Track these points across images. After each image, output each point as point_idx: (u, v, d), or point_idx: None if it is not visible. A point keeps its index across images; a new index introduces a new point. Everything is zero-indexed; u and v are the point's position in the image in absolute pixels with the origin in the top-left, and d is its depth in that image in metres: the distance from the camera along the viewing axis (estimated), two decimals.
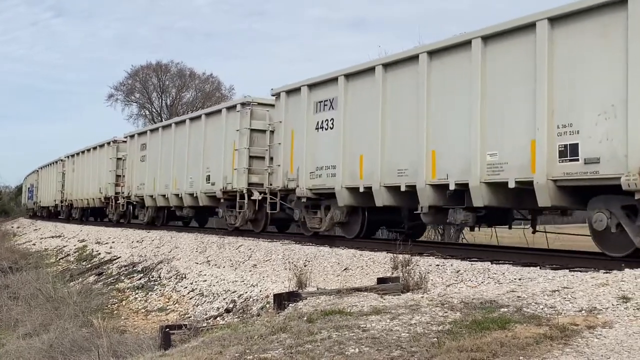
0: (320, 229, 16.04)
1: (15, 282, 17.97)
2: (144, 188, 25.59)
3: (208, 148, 20.95)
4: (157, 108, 61.46)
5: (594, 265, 9.74)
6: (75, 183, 36.74)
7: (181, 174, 22.57)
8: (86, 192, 34.30)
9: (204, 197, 21.02)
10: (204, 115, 21.68)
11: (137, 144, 27.09)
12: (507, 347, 5.21)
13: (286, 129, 16.83)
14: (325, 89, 15.52)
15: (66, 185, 39.03)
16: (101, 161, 32.01)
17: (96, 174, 32.54)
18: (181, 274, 15.50)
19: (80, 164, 36.25)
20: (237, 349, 5.95)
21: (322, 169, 15.42)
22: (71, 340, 10.96)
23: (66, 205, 38.79)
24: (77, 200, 36.15)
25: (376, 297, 7.86)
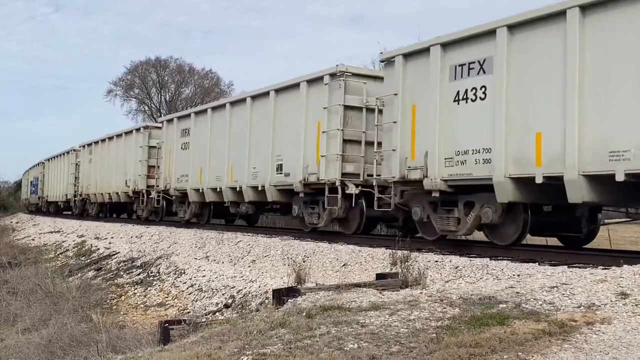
0: (458, 233, 12.27)
1: (14, 277, 17.99)
2: (188, 180, 21.85)
3: (280, 131, 17.12)
4: (156, 104, 61.43)
5: (592, 262, 9.75)
6: (93, 175, 32.75)
7: (240, 163, 18.68)
8: (107, 185, 30.37)
9: (274, 190, 17.19)
10: (273, 91, 17.47)
11: (176, 129, 23.22)
12: (506, 343, 5.22)
13: (404, 104, 13.07)
14: (469, 48, 11.81)
15: (81, 178, 35.07)
16: (128, 150, 28.07)
17: (121, 164, 28.66)
18: (180, 269, 15.51)
19: (99, 154, 32.17)
20: (236, 344, 5.96)
21: (467, 154, 11.69)
22: (70, 335, 10.97)
23: (80, 200, 35.19)
24: (96, 194, 32.11)
25: (375, 293, 7.87)
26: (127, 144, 28.34)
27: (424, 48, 12.72)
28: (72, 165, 36.55)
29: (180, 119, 23.31)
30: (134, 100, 62.45)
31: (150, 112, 60.48)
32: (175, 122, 23.40)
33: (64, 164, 38.94)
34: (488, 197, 11.43)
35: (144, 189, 26.10)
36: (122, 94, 62.00)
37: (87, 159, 34.04)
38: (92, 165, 33.13)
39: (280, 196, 17.27)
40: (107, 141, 31.07)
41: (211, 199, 20.42)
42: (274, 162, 17.17)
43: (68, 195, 37.30)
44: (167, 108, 58.25)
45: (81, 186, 34.89)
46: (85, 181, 34.05)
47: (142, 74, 61.25)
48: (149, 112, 60.97)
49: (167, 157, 23.72)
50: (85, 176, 34.26)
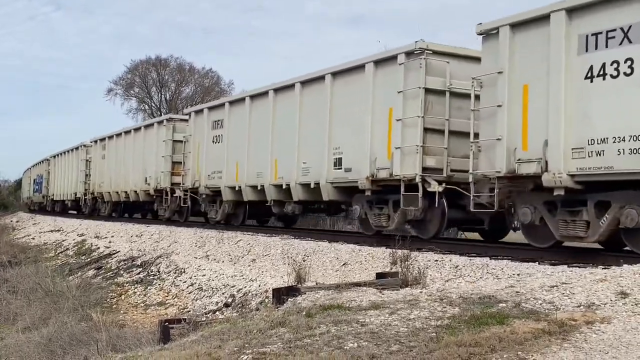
0: (587, 239, 10.21)
1: (14, 276, 17.99)
2: (221, 177, 19.52)
3: (337, 120, 15.01)
4: (156, 103, 61.38)
5: (592, 261, 9.74)
6: (107, 172, 30.40)
7: (287, 158, 16.49)
8: (123, 183, 28.12)
9: (330, 188, 15.06)
10: (330, 75, 15.28)
11: (206, 121, 20.77)
12: (506, 342, 5.22)
13: (512, 84, 10.97)
14: (607, 13, 9.69)
15: (92, 175, 32.88)
16: (149, 145, 25.59)
17: (139, 160, 26.37)
18: (180, 268, 15.51)
19: (114, 150, 29.77)
20: (236, 343, 5.96)
21: (605, 142, 9.61)
22: (70, 334, 10.98)
23: (91, 198, 33.15)
24: (110, 193, 29.88)
25: (375, 292, 7.87)
26: (148, 138, 25.83)
27: (541, 15, 10.53)
28: (82, 162, 34.52)
29: (212, 109, 20.73)
30: (134, 99, 62.44)
31: (150, 112, 60.46)
32: (206, 113, 20.79)
33: (73, 160, 36.94)
34: (632, 196, 9.57)
35: (167, 187, 23.66)
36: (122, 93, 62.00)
37: (99, 154, 31.73)
38: (105, 162, 30.86)
39: (338, 195, 15.22)
40: (124, 135, 28.52)
41: (251, 197, 18.11)
42: (331, 155, 15.11)
43: (77, 193, 35.30)
44: (167, 107, 58.24)
45: (93, 184, 32.78)
46: (98, 179, 31.91)
47: (143, 73, 61.21)
48: (149, 111, 60.95)
49: (195, 152, 21.20)
50: (97, 173, 32.06)
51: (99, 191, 31.58)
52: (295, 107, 16.40)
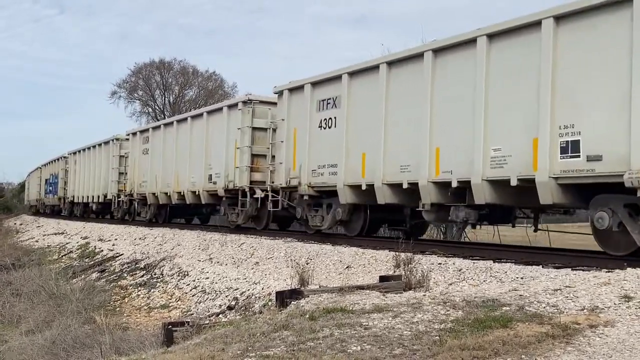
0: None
1: (18, 279, 18.02)
2: (336, 173, 14.95)
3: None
4: (159, 105, 61.52)
5: (596, 264, 9.73)
6: (151, 169, 25.31)
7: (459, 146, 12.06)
8: (175, 181, 22.99)
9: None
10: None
11: (309, 100, 16.00)
12: (509, 346, 5.22)
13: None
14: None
15: (130, 173, 27.78)
16: (215, 134, 20.53)
17: (201, 154, 21.22)
18: (183, 271, 15.53)
19: (160, 142, 24.67)
20: (240, 346, 5.96)
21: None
22: (74, 337, 11.00)
23: (127, 200, 28.11)
24: (155, 193, 24.69)
25: (378, 295, 7.87)
26: (214, 127, 20.81)
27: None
28: (115, 159, 30.04)
29: (318, 84, 15.93)
30: (138, 102, 62.61)
31: (154, 114, 60.58)
32: (308, 90, 16.03)
33: (101, 156, 32.21)
34: None
35: (245, 187, 18.85)
36: (126, 95, 62.17)
37: (139, 149, 26.91)
38: (148, 157, 25.71)
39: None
40: (176, 125, 23.67)
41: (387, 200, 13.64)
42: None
43: (108, 194, 30.62)
44: (171, 110, 58.35)
45: (130, 183, 27.65)
46: (137, 177, 26.76)
47: (146, 75, 61.38)
48: (152, 114, 61.08)
49: (290, 142, 16.81)
50: (136, 171, 26.89)
51: (140, 192, 26.47)
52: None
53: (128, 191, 27.90)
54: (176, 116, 25.59)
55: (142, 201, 26.57)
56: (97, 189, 32.77)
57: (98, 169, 32.82)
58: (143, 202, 26.61)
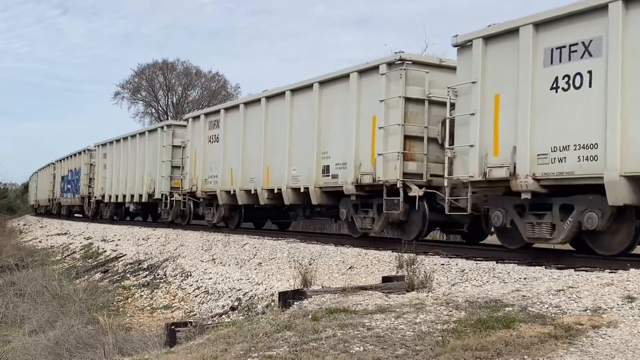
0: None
1: (21, 280, 18.05)
2: None
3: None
4: (163, 106, 61.57)
5: (599, 265, 9.72)
6: (224, 162, 20.01)
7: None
8: (269, 176, 17.72)
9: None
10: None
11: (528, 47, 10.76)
12: (512, 346, 5.21)
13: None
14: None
15: (191, 166, 22.11)
16: (353, 105, 14.60)
17: (311, 140, 15.95)
18: (187, 271, 15.54)
19: (239, 127, 19.27)
20: (242, 346, 5.97)
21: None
22: (77, 337, 11.01)
23: (184, 201, 22.89)
24: (232, 192, 19.32)
25: (381, 296, 7.87)
26: (336, 101, 15.29)
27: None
28: (166, 149, 24.69)
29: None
30: (141, 103, 62.67)
31: (157, 115, 60.65)
32: None
33: (144, 147, 26.79)
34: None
35: (394, 181, 13.38)
36: (129, 96, 62.24)
37: (203, 136, 21.40)
38: (219, 146, 20.37)
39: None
40: (265, 103, 17.95)
41: None
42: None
43: (156, 193, 25.23)
44: (174, 111, 58.41)
45: (191, 179, 22.02)
46: (202, 171, 21.24)
47: (149, 76, 61.43)
48: (155, 114, 61.15)
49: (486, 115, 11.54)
50: (201, 164, 21.39)
51: (207, 189, 20.96)
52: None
53: (187, 188, 22.24)
54: (263, 92, 18.36)
55: (208, 201, 21.41)
56: (137, 187, 27.18)
57: (139, 163, 27.18)
58: (209, 202, 21.44)
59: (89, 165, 35.25)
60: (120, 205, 30.82)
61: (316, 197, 15.60)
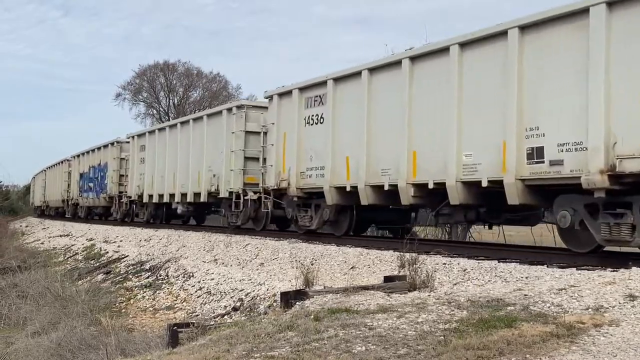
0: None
1: (23, 281, 18.05)
2: None
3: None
4: (164, 107, 61.64)
5: (601, 264, 9.72)
6: (338, 148, 15.42)
7: None
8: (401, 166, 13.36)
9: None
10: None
11: None
12: (514, 345, 5.22)
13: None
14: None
15: (279, 158, 17.47)
16: None
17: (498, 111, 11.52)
18: (189, 272, 15.54)
19: (354, 103, 14.90)
20: (244, 347, 5.98)
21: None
22: (79, 339, 11.02)
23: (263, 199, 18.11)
24: (348, 189, 14.91)
25: (383, 296, 7.87)
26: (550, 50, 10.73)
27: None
28: (237, 136, 19.74)
29: None
30: (142, 104, 62.74)
31: (158, 116, 60.70)
32: None
33: (202, 135, 22.01)
34: None
35: None
36: (130, 97, 62.30)
37: (298, 117, 16.81)
38: (328, 128, 15.72)
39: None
40: (409, 65, 13.35)
41: None
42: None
43: (221, 191, 20.33)
44: (176, 112, 58.44)
45: (279, 172, 17.43)
46: (298, 163, 16.76)
47: (150, 77, 61.50)
48: (157, 116, 61.20)
49: None
50: (298, 153, 16.75)
51: (307, 186, 16.52)
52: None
53: (272, 184, 17.67)
54: (405, 52, 13.56)
55: (304, 200, 17.07)
56: (191, 184, 22.48)
57: (195, 155, 22.48)
58: (305, 202, 17.11)
59: (118, 160, 30.78)
60: (160, 207, 26.34)
61: (516, 193, 10.94)
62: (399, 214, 16.47)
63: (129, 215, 30.12)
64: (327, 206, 15.81)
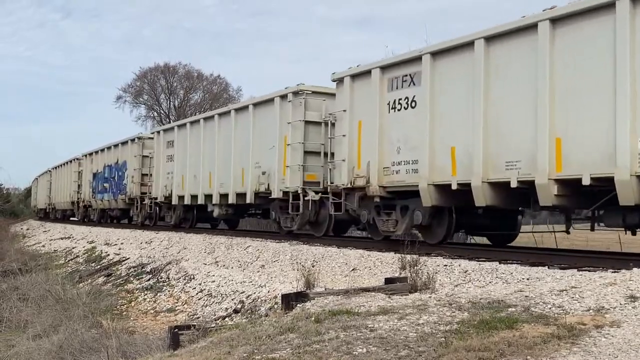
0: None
1: (24, 284, 18.06)
2: None
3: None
4: (165, 110, 61.69)
5: (602, 265, 9.71)
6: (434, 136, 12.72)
7: None
8: None
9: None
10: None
11: None
12: (515, 347, 5.21)
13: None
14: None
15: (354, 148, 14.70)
16: None
17: None
18: (190, 274, 15.54)
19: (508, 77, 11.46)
20: (245, 349, 5.97)
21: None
22: (80, 341, 11.03)
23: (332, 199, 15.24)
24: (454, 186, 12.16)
25: (384, 297, 7.87)
26: None
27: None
28: (295, 128, 16.76)
29: None
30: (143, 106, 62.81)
31: (159, 118, 60.74)
32: None
33: (249, 128, 18.85)
34: None
35: None
36: (131, 100, 62.36)
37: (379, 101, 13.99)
38: (424, 113, 12.91)
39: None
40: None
41: None
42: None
43: (275, 190, 17.26)
44: (176, 114, 58.48)
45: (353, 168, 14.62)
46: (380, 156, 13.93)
47: (151, 80, 61.58)
48: (158, 118, 61.24)
49: None
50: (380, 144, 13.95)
51: (393, 183, 13.69)
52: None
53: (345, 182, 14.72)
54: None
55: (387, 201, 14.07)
56: (234, 183, 19.56)
57: (238, 150, 19.46)
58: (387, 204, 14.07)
59: (140, 158, 27.60)
60: (190, 209, 23.65)
61: None
62: (501, 217, 13.71)
63: (151, 218, 27.18)
64: (421, 208, 12.97)
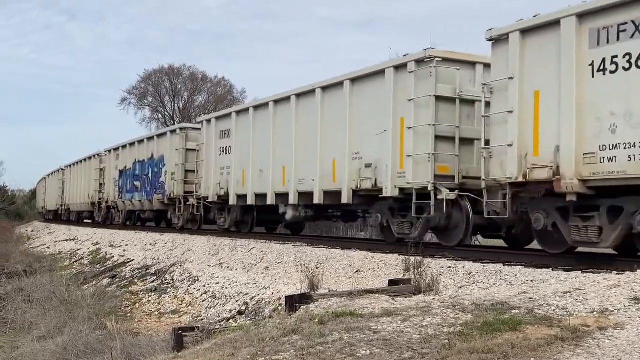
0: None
1: (29, 286, 18.12)
2: None
3: None
4: (169, 112, 61.73)
5: (606, 267, 9.69)
6: None
7: None
8: None
9: None
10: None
11: None
12: (518, 349, 5.21)
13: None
14: None
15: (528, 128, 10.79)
16: None
17: None
18: (194, 276, 15.56)
19: None
20: (249, 350, 5.98)
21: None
22: (85, 343, 11.06)
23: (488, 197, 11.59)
24: None
25: (388, 299, 7.87)
26: None
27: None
28: (416, 107, 13.07)
29: None
30: (147, 108, 62.86)
31: (164, 120, 60.80)
32: None
33: (345, 109, 15.11)
34: None
35: None
36: (135, 102, 62.42)
37: (568, 63, 10.10)
38: None
39: None
40: None
41: None
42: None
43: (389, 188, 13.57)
44: (181, 116, 58.54)
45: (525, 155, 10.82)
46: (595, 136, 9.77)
47: (156, 82, 61.61)
48: (162, 120, 61.30)
49: None
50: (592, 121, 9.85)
51: (604, 176, 9.70)
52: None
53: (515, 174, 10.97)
54: None
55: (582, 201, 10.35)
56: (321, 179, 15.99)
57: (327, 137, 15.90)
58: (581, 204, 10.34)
59: (183, 152, 23.88)
60: (249, 210, 20.06)
61: None
62: None
63: (194, 221, 23.60)
64: None
